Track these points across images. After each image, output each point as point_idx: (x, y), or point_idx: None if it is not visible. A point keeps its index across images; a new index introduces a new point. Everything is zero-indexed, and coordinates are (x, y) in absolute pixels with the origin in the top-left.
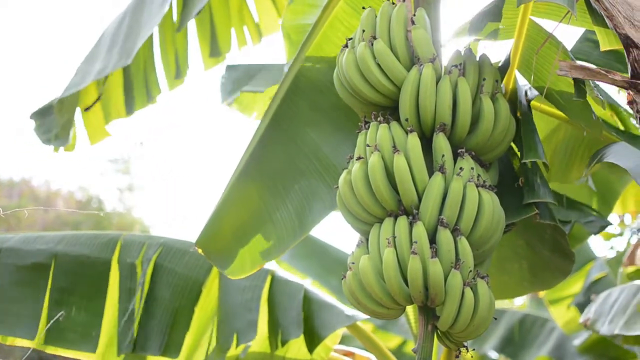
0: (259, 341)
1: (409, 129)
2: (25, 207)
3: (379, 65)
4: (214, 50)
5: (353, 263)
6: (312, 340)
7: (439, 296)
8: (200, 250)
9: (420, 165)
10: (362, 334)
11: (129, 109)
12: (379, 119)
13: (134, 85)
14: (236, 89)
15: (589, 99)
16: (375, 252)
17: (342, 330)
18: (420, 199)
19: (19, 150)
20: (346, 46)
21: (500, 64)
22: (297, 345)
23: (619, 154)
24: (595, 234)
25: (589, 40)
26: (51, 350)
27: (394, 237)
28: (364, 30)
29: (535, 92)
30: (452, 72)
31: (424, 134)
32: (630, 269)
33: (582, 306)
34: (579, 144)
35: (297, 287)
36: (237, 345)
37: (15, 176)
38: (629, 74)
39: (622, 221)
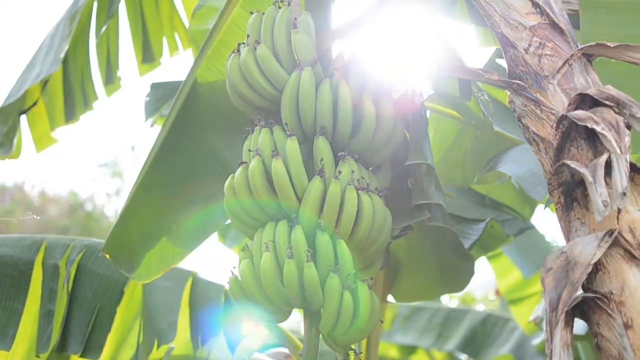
0: (181, 342)
1: (288, 133)
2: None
3: (261, 70)
4: (147, 56)
5: (234, 267)
6: (233, 340)
7: (316, 300)
8: (107, 256)
9: (299, 169)
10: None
11: (70, 115)
12: (261, 123)
13: (74, 91)
14: (158, 108)
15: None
16: (258, 256)
17: (265, 332)
18: (300, 203)
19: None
20: (238, 51)
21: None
22: (218, 346)
23: (514, 159)
24: (515, 235)
25: None
26: None
27: (273, 242)
28: (249, 35)
29: (431, 92)
30: (334, 75)
31: (306, 137)
32: None
33: None
34: (491, 145)
35: (218, 289)
36: (159, 346)
37: (7, 181)
38: (507, 74)
39: None
